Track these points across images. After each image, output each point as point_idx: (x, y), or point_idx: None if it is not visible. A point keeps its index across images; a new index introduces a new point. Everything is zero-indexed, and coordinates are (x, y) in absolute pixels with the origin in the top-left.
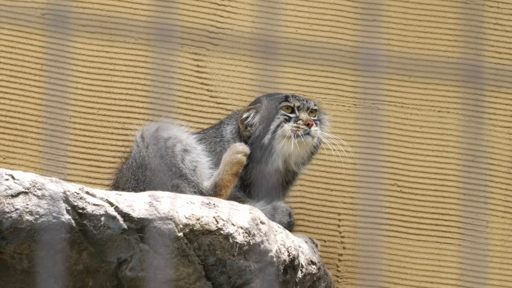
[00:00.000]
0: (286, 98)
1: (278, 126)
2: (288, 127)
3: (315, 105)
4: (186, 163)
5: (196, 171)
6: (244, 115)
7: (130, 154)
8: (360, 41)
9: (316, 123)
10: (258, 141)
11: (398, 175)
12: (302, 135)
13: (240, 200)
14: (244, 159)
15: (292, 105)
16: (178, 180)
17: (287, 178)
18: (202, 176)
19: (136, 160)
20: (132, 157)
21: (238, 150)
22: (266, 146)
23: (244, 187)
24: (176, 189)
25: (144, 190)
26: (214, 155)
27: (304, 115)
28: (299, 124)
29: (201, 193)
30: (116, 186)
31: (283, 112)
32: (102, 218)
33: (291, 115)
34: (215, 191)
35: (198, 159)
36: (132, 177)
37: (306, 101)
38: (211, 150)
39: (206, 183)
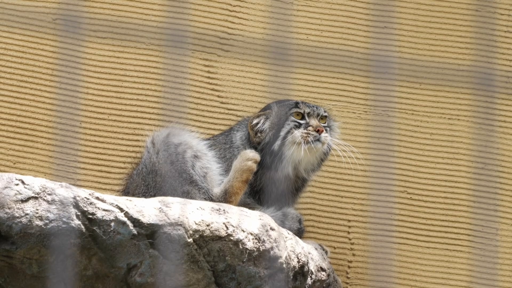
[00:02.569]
0: (296, 105)
1: (288, 132)
2: (298, 133)
3: (325, 111)
4: (196, 170)
5: (206, 178)
6: (254, 121)
7: (141, 160)
8: (371, 47)
9: (326, 130)
10: (268, 148)
11: (408, 182)
12: (312, 141)
13: (250, 207)
14: (254, 166)
15: (302, 111)
16: (189, 186)
17: (297, 185)
18: (212, 183)
19: (147, 166)
20: (142, 163)
21: (249, 157)
22: (276, 153)
23: (254, 193)
24: (187, 195)
25: (154, 196)
26: (224, 161)
27: (314, 122)
28: (309, 130)
29: (211, 199)
30: (126, 191)
31: (293, 118)
32: (112, 224)
33: (301, 122)
34: (225, 198)
35: (209, 165)
36: (142, 182)
37: (316, 108)
38: (221, 157)
39: (216, 190)
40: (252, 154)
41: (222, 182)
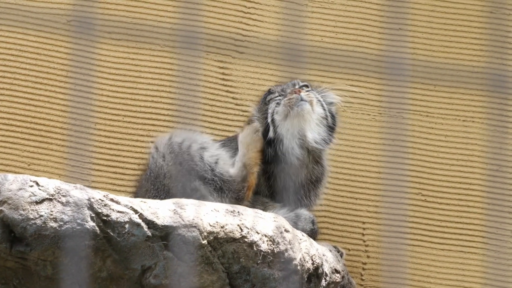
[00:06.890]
0: (269, 91)
1: (273, 113)
2: (281, 106)
3: (303, 82)
4: (206, 160)
5: (218, 163)
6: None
7: (147, 166)
8: (386, 49)
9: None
10: (268, 142)
11: (422, 184)
12: (296, 104)
13: (268, 205)
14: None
15: (276, 93)
16: (197, 182)
17: (314, 172)
18: (226, 166)
19: (153, 171)
20: (149, 169)
21: (256, 128)
22: (275, 138)
23: (271, 191)
24: (196, 192)
25: (164, 199)
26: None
27: (289, 89)
28: (289, 96)
29: (221, 189)
30: (137, 197)
31: (272, 100)
32: (127, 225)
33: (280, 97)
34: (246, 171)
35: (218, 152)
36: (152, 187)
37: (291, 82)
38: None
39: (233, 170)
40: (254, 125)
41: (235, 161)
